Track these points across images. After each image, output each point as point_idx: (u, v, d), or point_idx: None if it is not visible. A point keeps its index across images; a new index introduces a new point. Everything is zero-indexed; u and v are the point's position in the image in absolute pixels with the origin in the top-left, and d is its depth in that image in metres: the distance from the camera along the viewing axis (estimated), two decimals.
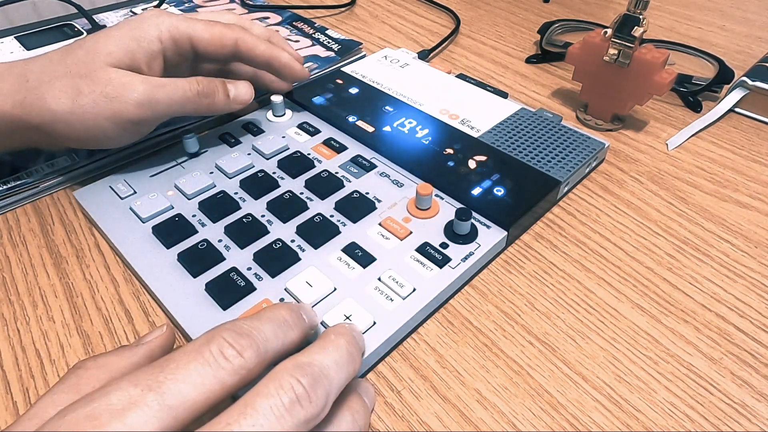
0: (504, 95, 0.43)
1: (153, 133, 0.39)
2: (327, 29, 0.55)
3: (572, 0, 0.65)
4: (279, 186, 0.35)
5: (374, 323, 0.27)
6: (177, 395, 0.17)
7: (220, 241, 0.31)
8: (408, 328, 0.28)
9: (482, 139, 0.38)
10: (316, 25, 0.56)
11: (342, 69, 0.47)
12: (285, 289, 0.28)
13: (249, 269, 0.30)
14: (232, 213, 0.33)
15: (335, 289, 0.28)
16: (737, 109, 0.45)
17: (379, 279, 0.29)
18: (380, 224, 0.32)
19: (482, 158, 0.36)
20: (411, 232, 0.32)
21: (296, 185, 0.35)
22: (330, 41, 0.53)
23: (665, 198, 0.37)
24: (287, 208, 0.33)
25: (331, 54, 0.51)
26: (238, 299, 0.28)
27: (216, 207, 0.33)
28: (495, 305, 0.30)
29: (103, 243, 0.33)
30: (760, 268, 0.32)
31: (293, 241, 0.31)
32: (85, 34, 0.52)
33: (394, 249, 0.31)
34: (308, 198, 0.34)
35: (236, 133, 0.40)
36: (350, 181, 0.35)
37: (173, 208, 0.34)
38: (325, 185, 0.35)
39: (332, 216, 0.33)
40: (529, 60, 0.53)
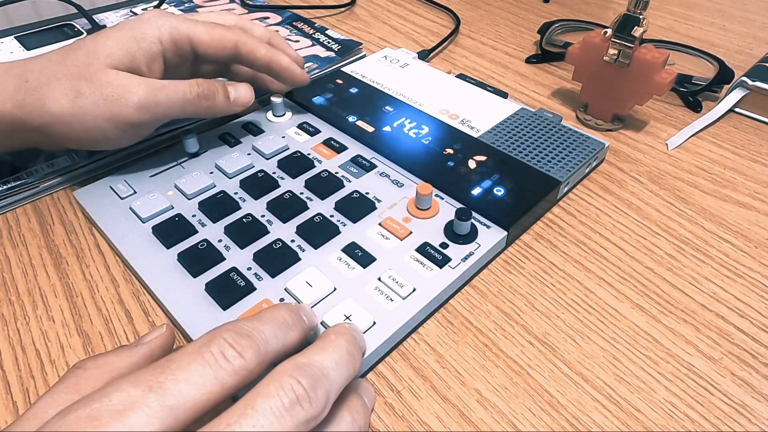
0: (504, 95, 0.43)
1: (153, 134, 0.39)
2: (327, 29, 0.55)
3: (572, 0, 0.65)
4: (279, 186, 0.35)
5: (374, 323, 0.27)
6: (177, 396, 0.17)
7: (220, 241, 0.31)
8: (408, 328, 0.28)
9: (482, 139, 0.38)
10: (316, 25, 0.56)
11: (342, 69, 0.47)
12: (285, 289, 0.28)
13: (249, 269, 0.30)
14: (232, 213, 0.33)
15: (335, 289, 0.29)
16: (737, 109, 0.45)
17: (379, 279, 0.29)
18: (380, 224, 0.32)
19: (482, 158, 0.36)
20: (411, 232, 0.32)
21: (296, 185, 0.35)
22: (330, 41, 0.53)
23: (665, 198, 0.37)
24: (287, 208, 0.33)
25: (331, 54, 0.51)
26: (238, 299, 0.28)
27: (216, 207, 0.33)
28: (495, 305, 0.30)
29: (103, 243, 0.33)
30: (760, 268, 0.32)
31: (293, 241, 0.31)
32: (85, 34, 0.52)
33: (394, 249, 0.31)
34: (308, 198, 0.34)
35: (236, 133, 0.40)
36: (350, 181, 0.36)
37: (173, 208, 0.34)
38: (325, 185, 0.35)
39: (332, 216, 0.33)
40: (529, 60, 0.53)
